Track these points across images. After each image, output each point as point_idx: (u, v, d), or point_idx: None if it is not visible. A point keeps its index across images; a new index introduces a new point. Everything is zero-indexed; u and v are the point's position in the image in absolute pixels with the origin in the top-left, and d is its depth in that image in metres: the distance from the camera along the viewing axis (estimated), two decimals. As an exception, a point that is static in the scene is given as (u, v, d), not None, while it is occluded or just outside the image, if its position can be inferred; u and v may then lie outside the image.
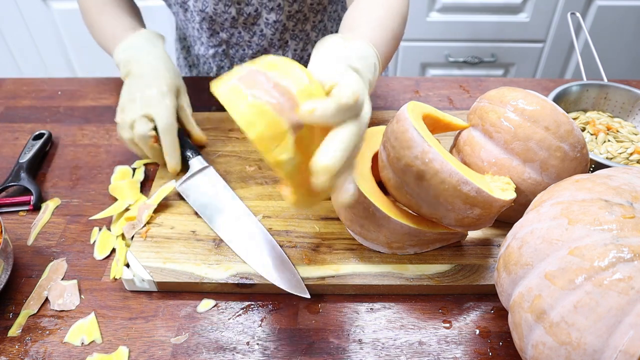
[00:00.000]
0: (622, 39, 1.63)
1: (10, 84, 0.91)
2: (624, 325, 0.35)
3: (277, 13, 0.81)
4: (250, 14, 0.81)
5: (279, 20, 0.83)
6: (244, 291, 0.56)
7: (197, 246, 0.59)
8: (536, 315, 0.39)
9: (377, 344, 0.51)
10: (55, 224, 0.64)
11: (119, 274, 0.57)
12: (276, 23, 0.83)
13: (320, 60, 0.47)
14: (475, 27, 1.62)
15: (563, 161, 0.54)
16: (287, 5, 0.81)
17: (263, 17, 0.82)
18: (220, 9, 0.80)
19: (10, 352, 0.51)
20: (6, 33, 1.73)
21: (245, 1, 0.79)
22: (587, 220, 0.40)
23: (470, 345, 0.51)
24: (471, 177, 0.50)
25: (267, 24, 0.83)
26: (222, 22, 0.83)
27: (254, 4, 0.80)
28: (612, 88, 0.72)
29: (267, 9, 0.81)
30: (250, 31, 0.85)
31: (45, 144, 0.75)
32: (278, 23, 0.83)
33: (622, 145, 0.66)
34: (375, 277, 0.55)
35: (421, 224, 0.53)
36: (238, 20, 0.82)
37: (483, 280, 0.55)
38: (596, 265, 0.37)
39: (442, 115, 0.60)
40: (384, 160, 0.54)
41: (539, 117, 0.54)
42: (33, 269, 0.59)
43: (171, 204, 0.64)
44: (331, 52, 0.48)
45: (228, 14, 0.81)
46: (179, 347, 0.51)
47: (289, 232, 0.60)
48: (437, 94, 0.86)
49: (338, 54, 0.48)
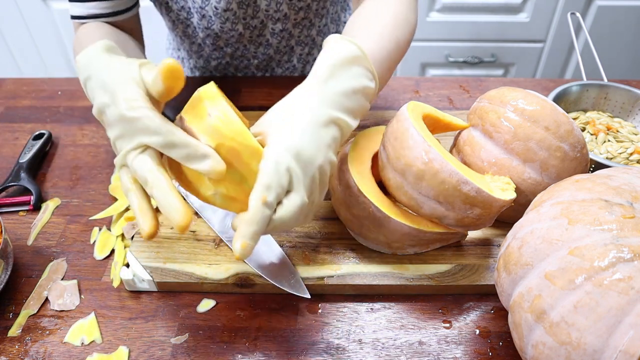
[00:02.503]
0: (622, 39, 1.64)
1: (10, 84, 0.91)
2: (624, 325, 0.35)
3: (283, 22, 0.80)
4: (256, 26, 0.80)
5: (285, 29, 0.82)
6: (244, 291, 0.56)
7: (197, 246, 0.59)
8: (536, 315, 0.39)
9: (377, 344, 0.51)
10: (55, 224, 0.64)
11: (117, 280, 0.57)
12: (282, 32, 0.82)
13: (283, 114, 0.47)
14: (475, 27, 1.62)
15: (563, 161, 0.54)
16: (293, 13, 0.79)
17: (269, 27, 0.81)
18: (227, 27, 0.79)
19: (10, 352, 0.51)
20: (6, 33, 1.73)
21: (251, 15, 0.78)
22: (587, 220, 0.40)
23: (470, 345, 0.51)
24: (471, 177, 0.50)
25: (273, 34, 0.82)
26: (227, 39, 0.82)
27: (259, 17, 0.78)
28: (612, 88, 0.72)
29: (274, 19, 0.79)
30: (256, 43, 0.84)
31: (45, 144, 0.75)
32: (284, 32, 0.82)
33: (622, 145, 0.66)
34: (375, 277, 0.55)
35: (421, 224, 0.53)
36: (244, 36, 0.81)
37: (483, 280, 0.55)
38: (596, 265, 0.37)
39: (442, 115, 0.60)
40: (384, 160, 0.54)
41: (539, 117, 0.54)
42: (33, 269, 0.59)
43: (171, 204, 0.64)
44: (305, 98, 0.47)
45: (235, 31, 0.80)
46: (179, 347, 0.51)
47: (289, 232, 0.60)
48: (437, 94, 0.86)
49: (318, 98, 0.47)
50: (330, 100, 0.47)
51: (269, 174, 0.42)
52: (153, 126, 0.43)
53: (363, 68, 0.50)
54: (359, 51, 0.50)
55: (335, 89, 0.48)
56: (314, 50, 0.92)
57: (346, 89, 0.48)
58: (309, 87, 0.48)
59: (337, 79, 0.48)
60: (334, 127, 0.47)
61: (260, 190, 0.42)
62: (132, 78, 0.46)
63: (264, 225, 0.42)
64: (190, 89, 0.85)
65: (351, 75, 0.49)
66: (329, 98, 0.47)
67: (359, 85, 0.49)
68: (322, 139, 0.45)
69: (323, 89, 0.47)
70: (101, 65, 0.49)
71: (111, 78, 0.47)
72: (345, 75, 0.49)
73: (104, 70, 0.48)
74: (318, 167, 0.44)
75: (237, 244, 0.42)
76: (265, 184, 0.42)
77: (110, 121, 0.46)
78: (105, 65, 0.49)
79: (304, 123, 0.45)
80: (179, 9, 0.80)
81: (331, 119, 0.46)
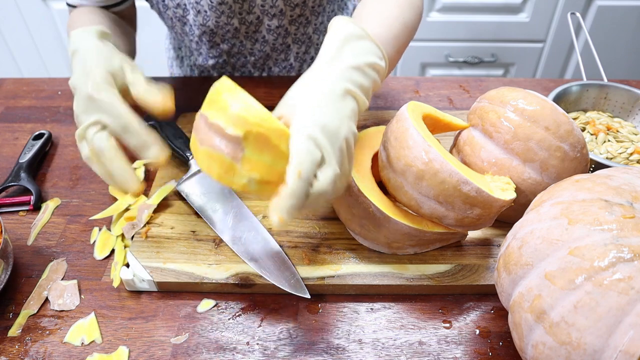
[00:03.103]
0: (622, 39, 1.64)
1: (10, 84, 0.91)
2: (624, 325, 0.35)
3: (279, 19, 0.81)
4: (252, 22, 0.80)
5: (282, 26, 0.82)
6: (244, 291, 0.56)
7: (197, 246, 0.59)
8: (536, 315, 0.39)
9: (377, 344, 0.51)
10: (55, 224, 0.64)
11: (117, 280, 0.57)
12: (278, 28, 0.82)
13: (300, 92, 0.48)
14: (475, 27, 1.62)
15: (563, 161, 0.54)
16: (289, 10, 0.80)
17: (265, 23, 0.81)
18: (223, 22, 0.79)
19: (10, 352, 0.51)
20: (6, 33, 1.73)
21: (247, 10, 0.78)
22: (587, 220, 0.40)
23: (470, 345, 0.51)
24: (471, 177, 0.50)
25: (269, 30, 0.82)
26: (223, 34, 0.82)
27: (255, 12, 0.78)
28: (612, 88, 0.72)
29: (269, 15, 0.80)
30: (252, 39, 0.84)
31: (45, 144, 0.75)
32: (280, 28, 0.83)
33: (622, 145, 0.66)
34: (375, 277, 0.55)
35: (421, 224, 0.53)
36: (240, 31, 0.82)
37: (483, 280, 0.55)
38: (596, 265, 0.37)
39: (442, 115, 0.60)
40: (384, 160, 0.54)
41: (539, 117, 0.54)
42: (33, 269, 0.59)
43: (171, 204, 0.64)
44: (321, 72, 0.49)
45: (231, 26, 0.80)
46: (179, 347, 0.51)
47: (289, 232, 0.60)
48: (437, 94, 0.86)
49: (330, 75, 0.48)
50: (342, 75, 0.48)
51: (300, 150, 0.43)
52: (113, 110, 0.51)
53: (371, 43, 0.51)
54: (363, 32, 0.51)
55: (346, 63, 0.49)
56: (310, 49, 0.92)
57: (357, 63, 0.49)
58: (321, 65, 0.49)
59: (347, 54, 0.49)
60: (351, 98, 0.48)
61: (295, 166, 0.43)
62: (111, 66, 0.55)
63: (302, 198, 0.43)
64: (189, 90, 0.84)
65: (360, 50, 0.50)
66: (341, 72, 0.48)
67: (369, 60, 0.50)
68: (343, 111, 0.46)
69: (335, 65, 0.49)
70: (89, 47, 0.57)
71: (92, 60, 0.55)
72: (354, 50, 0.50)
73: (90, 52, 0.56)
74: (344, 139, 0.45)
75: (275, 217, 0.43)
76: (299, 160, 0.43)
77: (79, 96, 0.53)
78: (93, 48, 0.57)
79: (324, 98, 0.46)
80: (175, 7, 0.80)
81: (347, 91, 0.47)
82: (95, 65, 0.54)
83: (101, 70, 0.54)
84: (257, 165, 0.44)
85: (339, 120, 0.45)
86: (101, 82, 0.52)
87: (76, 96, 0.54)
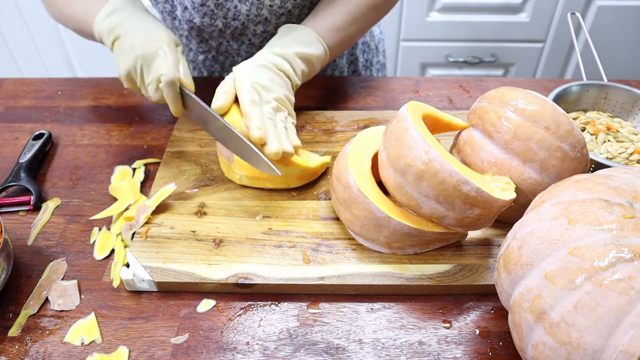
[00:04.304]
0: (622, 39, 1.64)
1: (10, 84, 0.91)
2: (624, 325, 0.35)
3: (264, 25, 0.81)
4: (237, 27, 0.81)
5: (267, 31, 0.82)
6: (244, 291, 0.56)
7: (197, 246, 0.59)
8: (536, 315, 0.39)
9: (377, 344, 0.51)
10: (55, 224, 0.64)
11: (117, 280, 0.57)
12: (264, 33, 0.83)
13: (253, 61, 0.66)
14: (475, 27, 1.62)
15: (563, 161, 0.54)
16: (274, 18, 0.80)
17: (250, 28, 0.81)
18: (207, 22, 0.80)
19: (10, 352, 0.51)
20: (6, 33, 1.73)
21: (231, 16, 0.78)
22: (587, 220, 0.40)
23: (470, 345, 0.51)
24: (471, 177, 0.50)
25: (254, 35, 0.83)
26: (210, 32, 0.83)
27: (240, 19, 0.79)
28: (612, 88, 0.72)
29: (255, 22, 0.80)
30: (239, 41, 0.84)
31: (45, 144, 0.75)
32: (266, 33, 0.83)
33: (622, 145, 0.66)
34: (375, 277, 0.55)
35: (421, 224, 0.53)
36: (225, 32, 0.82)
37: (483, 280, 0.55)
38: (596, 265, 0.37)
39: (442, 115, 0.60)
40: (384, 160, 0.54)
41: (539, 117, 0.54)
42: (33, 269, 0.59)
43: (171, 204, 0.64)
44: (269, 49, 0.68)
45: (215, 27, 0.81)
46: (179, 347, 0.51)
47: (289, 232, 0.60)
48: (437, 94, 0.86)
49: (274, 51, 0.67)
50: (269, 51, 0.67)
51: (246, 90, 0.62)
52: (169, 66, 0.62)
53: (306, 30, 0.69)
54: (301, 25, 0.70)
55: (275, 42, 0.69)
56: None
57: (285, 40, 0.68)
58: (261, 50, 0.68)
59: (280, 38, 0.69)
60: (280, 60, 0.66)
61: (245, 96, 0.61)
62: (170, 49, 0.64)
63: (260, 116, 0.60)
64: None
65: (293, 33, 0.70)
66: (269, 48, 0.68)
67: (299, 38, 0.68)
68: (265, 68, 0.65)
69: (266, 48, 0.68)
70: (136, 25, 0.65)
71: (151, 43, 0.63)
72: (287, 35, 0.69)
73: (139, 32, 0.64)
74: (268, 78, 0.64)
75: (272, 148, 0.59)
76: (246, 94, 0.61)
77: (147, 69, 0.63)
78: (141, 24, 0.66)
79: (250, 65, 0.65)
80: (164, 1, 0.80)
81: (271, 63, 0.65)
82: (159, 31, 0.64)
83: (166, 35, 0.64)
84: (244, 166, 0.63)
85: (262, 71, 0.64)
86: (168, 44, 0.64)
87: (123, 46, 0.64)
